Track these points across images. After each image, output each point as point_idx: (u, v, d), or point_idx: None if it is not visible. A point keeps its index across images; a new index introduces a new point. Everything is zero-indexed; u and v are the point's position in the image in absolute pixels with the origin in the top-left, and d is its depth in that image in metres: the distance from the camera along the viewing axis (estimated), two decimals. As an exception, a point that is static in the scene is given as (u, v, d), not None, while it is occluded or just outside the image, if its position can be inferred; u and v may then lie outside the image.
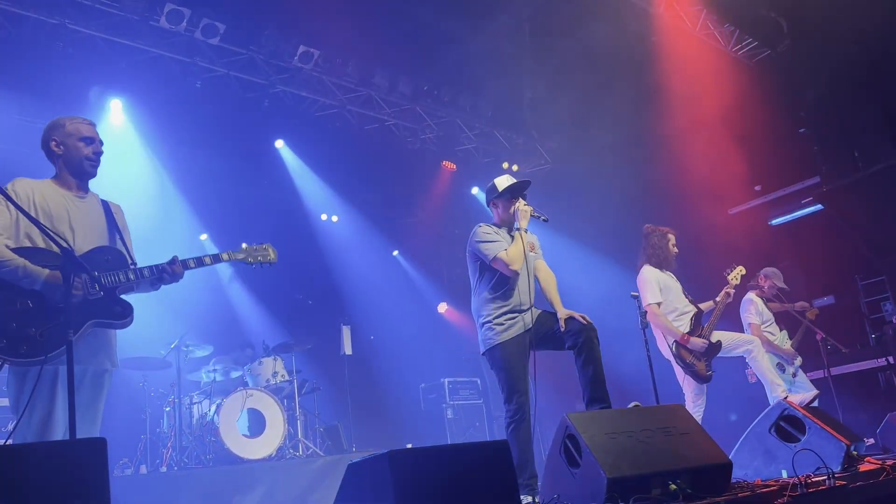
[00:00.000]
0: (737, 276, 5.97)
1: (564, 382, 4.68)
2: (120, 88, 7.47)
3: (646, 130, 8.21)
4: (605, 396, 3.97)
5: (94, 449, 2.12)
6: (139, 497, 5.53)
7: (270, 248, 3.87)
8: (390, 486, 2.29)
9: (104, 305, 3.27)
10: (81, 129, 3.50)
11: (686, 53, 7.73)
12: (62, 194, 3.43)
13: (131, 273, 3.38)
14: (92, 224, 3.47)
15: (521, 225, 4.26)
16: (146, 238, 7.97)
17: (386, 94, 8.57)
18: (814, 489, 3.19)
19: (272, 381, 7.35)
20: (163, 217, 8.34)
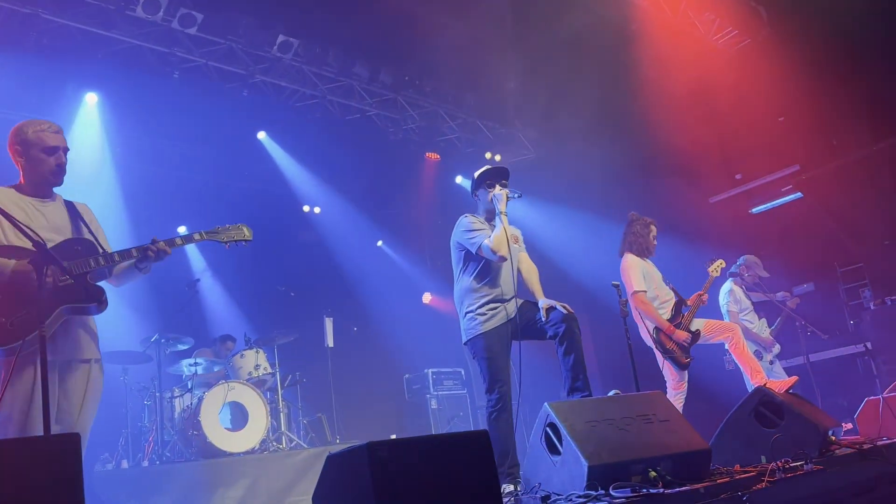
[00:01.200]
0: (717, 269, 6.02)
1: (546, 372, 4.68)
2: (96, 80, 7.37)
3: (627, 119, 8.21)
4: (586, 385, 3.99)
5: (68, 444, 2.09)
6: (121, 492, 5.49)
7: (245, 227, 3.77)
8: (369, 477, 2.28)
9: (74, 290, 3.20)
10: (45, 138, 3.34)
11: (667, 42, 7.73)
12: (24, 200, 3.32)
13: (101, 258, 3.30)
14: (54, 227, 3.36)
15: (500, 209, 4.25)
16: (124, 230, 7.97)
17: (367, 84, 8.51)
18: (792, 474, 3.22)
19: (254, 373, 7.30)
20: (141, 209, 8.27)
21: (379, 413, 9.26)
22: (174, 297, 7.52)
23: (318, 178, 9.71)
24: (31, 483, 2.01)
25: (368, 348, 9.74)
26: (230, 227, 3.73)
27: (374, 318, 9.86)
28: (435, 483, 2.40)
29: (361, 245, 10.75)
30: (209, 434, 6.39)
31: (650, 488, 2.89)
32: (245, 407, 6.71)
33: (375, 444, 2.34)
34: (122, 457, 6.70)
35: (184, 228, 9.37)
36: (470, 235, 4.26)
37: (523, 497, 3.33)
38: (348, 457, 2.44)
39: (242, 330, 8.01)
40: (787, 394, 4.36)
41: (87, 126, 7.70)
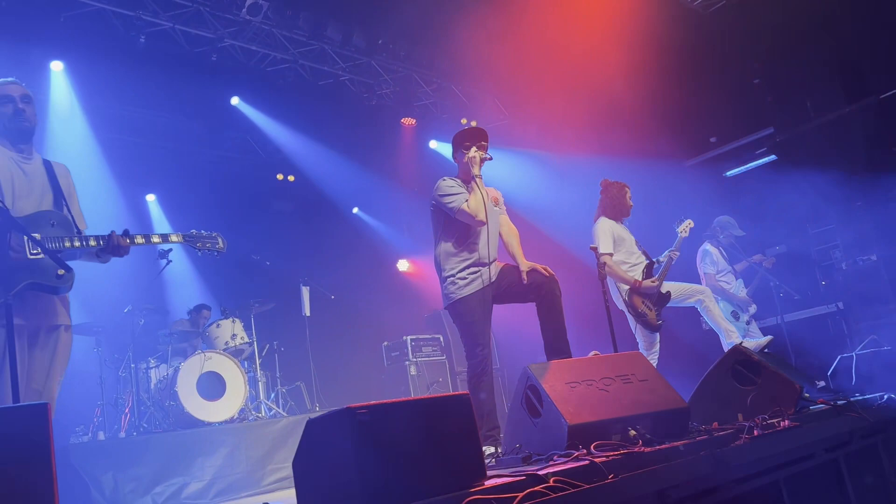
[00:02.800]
0: (685, 229, 6.06)
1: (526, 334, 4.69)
2: (60, 46, 7.14)
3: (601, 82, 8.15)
4: (566, 347, 4.00)
5: (36, 414, 2.04)
6: (99, 463, 5.45)
7: (220, 238, 3.88)
8: (350, 441, 2.26)
9: (43, 269, 3.17)
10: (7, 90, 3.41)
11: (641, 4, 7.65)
12: (8, 156, 3.35)
13: (76, 240, 3.30)
14: (35, 187, 3.37)
15: (474, 171, 4.21)
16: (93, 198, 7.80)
17: (339, 47, 8.33)
18: (769, 431, 3.26)
19: (231, 343, 7.25)
20: (110, 177, 8.10)
21: (358, 381, 9.26)
22: (148, 266, 7.40)
23: (292, 146, 9.55)
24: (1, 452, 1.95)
25: (346, 316, 9.71)
26: (206, 235, 3.83)
27: (352, 285, 9.80)
28: (416, 446, 2.39)
29: (337, 212, 10.65)
30: (186, 404, 6.36)
31: (630, 447, 2.91)
32: (222, 376, 6.68)
33: (356, 407, 2.32)
34: (99, 429, 6.63)
35: (153, 197, 9.22)
36: (447, 199, 4.21)
37: (504, 458, 3.34)
38: (329, 421, 2.41)
39: (218, 300, 7.93)
40: (762, 352, 4.42)
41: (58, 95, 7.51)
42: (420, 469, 2.36)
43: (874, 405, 4.09)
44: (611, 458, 2.75)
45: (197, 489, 5.77)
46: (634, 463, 2.76)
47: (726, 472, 2.97)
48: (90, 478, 5.36)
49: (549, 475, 2.49)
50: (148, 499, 5.53)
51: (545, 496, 2.31)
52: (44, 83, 7.42)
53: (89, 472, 5.38)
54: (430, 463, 2.40)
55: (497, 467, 3.11)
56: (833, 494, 3.54)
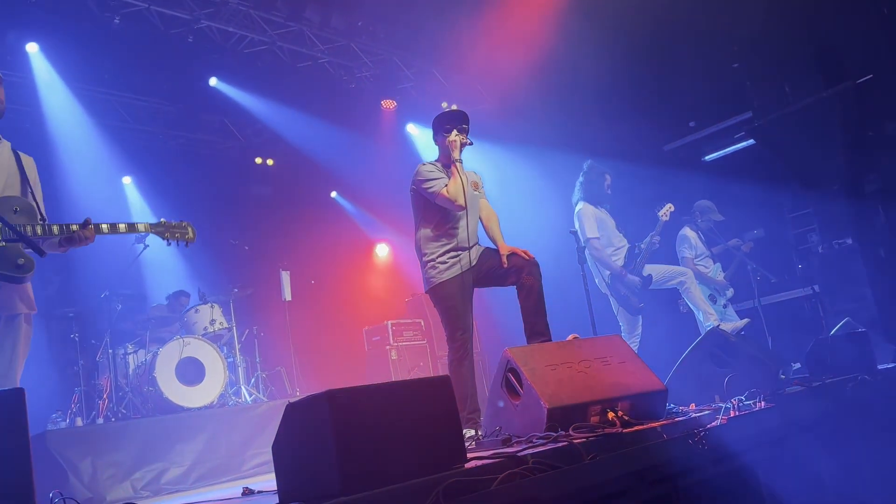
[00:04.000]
0: (666, 213, 6.12)
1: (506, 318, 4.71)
2: (33, 27, 6.99)
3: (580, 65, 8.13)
4: (546, 330, 4.02)
5: (11, 400, 2.01)
6: (77, 449, 5.40)
7: (190, 227, 3.83)
8: (329, 424, 2.25)
9: (6, 257, 3.10)
10: None
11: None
12: None
13: (39, 227, 3.21)
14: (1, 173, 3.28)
15: (454, 156, 4.19)
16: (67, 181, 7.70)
17: (318, 29, 8.23)
18: (746, 412, 3.31)
19: (210, 328, 7.20)
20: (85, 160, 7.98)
21: (339, 365, 9.25)
22: (125, 251, 7.31)
23: (271, 129, 9.45)
24: (-26, 440, 1.93)
25: (327, 301, 9.68)
26: (174, 225, 3.77)
27: (332, 270, 9.76)
28: (396, 429, 2.39)
29: (317, 197, 10.57)
30: (165, 390, 6.32)
31: (609, 428, 2.93)
32: (201, 362, 6.64)
33: (336, 391, 2.31)
34: (77, 415, 6.57)
35: (129, 179, 9.10)
36: (427, 184, 4.19)
37: (484, 440, 3.35)
38: (308, 405, 2.40)
39: (196, 285, 7.86)
40: (739, 335, 4.47)
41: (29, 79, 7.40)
42: (400, 452, 2.36)
43: (848, 387, 4.16)
44: (590, 439, 2.77)
45: (176, 475, 5.74)
46: (613, 444, 2.78)
47: (703, 452, 3.01)
48: (68, 464, 5.31)
49: (528, 457, 2.50)
50: (127, 485, 5.49)
51: (524, 477, 2.33)
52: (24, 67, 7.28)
53: (67, 458, 5.33)
54: (410, 446, 2.40)
55: (477, 450, 3.12)
56: (807, 473, 3.60)
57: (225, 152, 9.46)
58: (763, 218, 8.23)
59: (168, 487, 5.66)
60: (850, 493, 3.69)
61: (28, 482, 1.94)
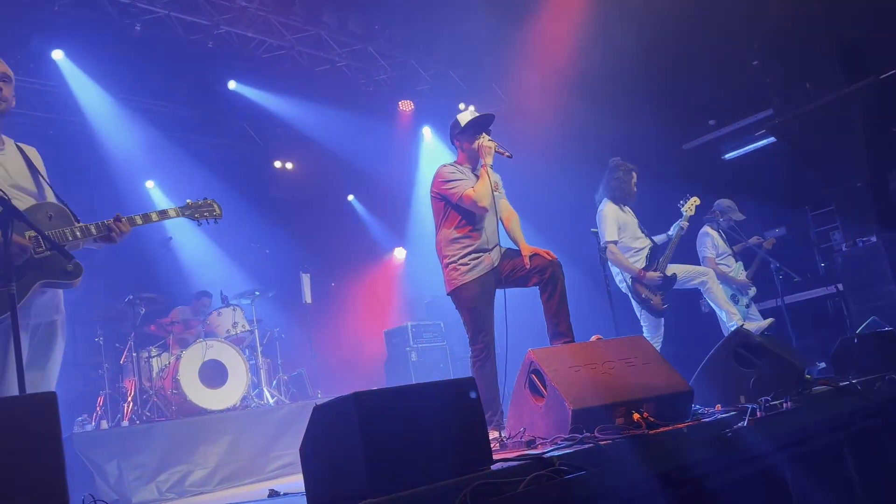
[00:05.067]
0: (691, 207, 6.04)
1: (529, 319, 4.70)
2: (58, 35, 7.09)
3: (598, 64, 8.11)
4: (569, 331, 4.01)
5: (45, 403, 2.03)
6: (102, 452, 5.47)
7: (216, 204, 3.81)
8: (357, 426, 2.26)
9: (53, 265, 3.10)
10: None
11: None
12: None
13: (77, 230, 3.21)
14: (15, 177, 3.23)
15: (486, 161, 4.19)
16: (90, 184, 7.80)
17: (336, 33, 8.28)
18: (772, 413, 3.28)
19: (232, 331, 7.26)
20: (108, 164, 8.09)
21: (359, 367, 9.28)
22: (147, 255, 7.39)
23: (290, 133, 9.51)
24: (9, 444, 1.95)
25: (347, 303, 9.71)
26: (201, 203, 3.75)
27: (352, 272, 9.80)
28: (423, 431, 2.39)
29: (336, 199, 10.62)
30: (189, 392, 6.37)
31: (634, 430, 2.92)
32: (224, 364, 6.69)
33: (362, 393, 2.32)
34: (102, 418, 6.65)
35: (152, 183, 9.20)
36: (450, 185, 4.19)
37: (508, 442, 3.34)
38: (335, 407, 2.41)
39: (218, 288, 7.93)
40: (764, 335, 4.43)
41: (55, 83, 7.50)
42: (427, 454, 2.36)
43: (875, 386, 4.11)
44: (615, 441, 2.76)
45: (201, 477, 5.79)
46: (639, 446, 2.77)
47: (730, 453, 2.99)
48: (94, 467, 5.37)
49: (554, 458, 2.50)
50: (152, 486, 5.55)
51: (551, 479, 2.32)
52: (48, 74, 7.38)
53: (93, 461, 5.40)
54: (436, 448, 2.40)
55: (502, 451, 3.12)
56: (836, 475, 3.56)
57: (244, 156, 9.52)
58: (784, 216, 8.17)
59: (192, 489, 5.71)
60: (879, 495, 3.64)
61: (62, 485, 1.96)
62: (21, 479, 1.92)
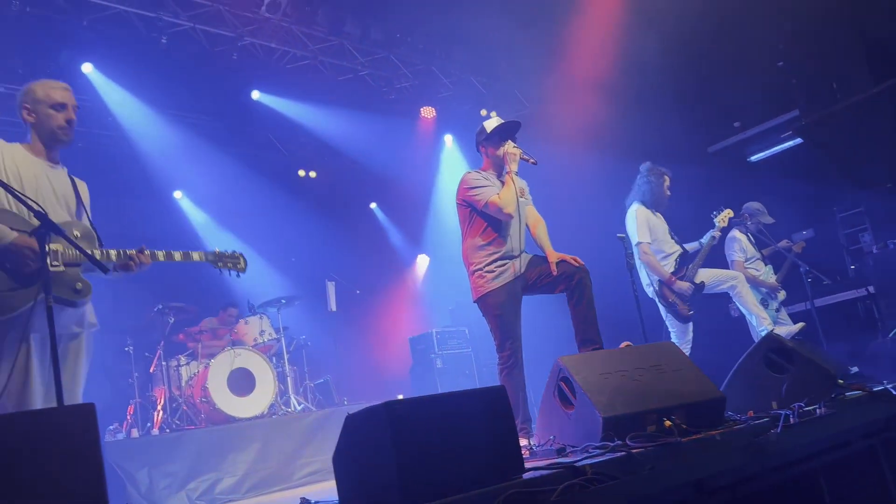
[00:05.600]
0: (724, 219, 6.01)
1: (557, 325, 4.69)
2: (87, 49, 7.21)
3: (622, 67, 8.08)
4: (598, 337, 3.99)
5: (83, 415, 2.07)
6: (134, 461, 5.54)
7: (242, 258, 3.93)
8: (389, 436, 2.28)
9: (64, 281, 3.17)
10: (53, 94, 3.34)
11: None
12: (34, 161, 3.30)
13: (97, 252, 3.29)
14: (61, 196, 3.35)
15: (511, 168, 4.20)
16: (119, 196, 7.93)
17: (358, 42, 8.33)
18: (805, 419, 3.23)
19: (259, 339, 7.32)
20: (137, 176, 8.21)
21: (385, 374, 9.31)
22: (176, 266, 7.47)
23: (313, 142, 9.58)
24: (50, 455, 1.99)
25: (371, 310, 9.75)
26: (228, 255, 3.88)
27: (376, 279, 9.83)
28: (455, 439, 2.40)
29: (359, 207, 10.67)
30: (218, 400, 6.43)
31: (666, 437, 2.90)
32: (252, 372, 6.75)
33: (394, 402, 2.33)
34: (132, 426, 6.74)
35: (179, 193, 9.32)
36: (476, 192, 4.20)
37: (538, 450, 3.34)
38: (367, 416, 2.42)
39: (245, 297, 8.00)
40: (795, 339, 4.38)
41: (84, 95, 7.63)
42: (459, 462, 2.37)
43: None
44: (647, 448, 2.75)
45: (230, 484, 5.84)
46: (671, 453, 2.75)
47: (764, 460, 2.95)
48: (126, 475, 5.45)
49: (586, 467, 2.49)
50: (182, 494, 5.61)
51: (584, 488, 2.31)
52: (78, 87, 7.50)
53: (125, 469, 5.47)
54: (468, 456, 2.40)
55: (531, 459, 3.11)
56: (871, 481, 3.50)
57: (269, 165, 9.60)
58: (812, 218, 8.06)
59: (222, 497, 5.76)
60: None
61: (102, 495, 1.99)
62: (63, 489, 1.95)
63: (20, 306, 2.96)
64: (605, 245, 5.80)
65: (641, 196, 5.87)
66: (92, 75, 7.43)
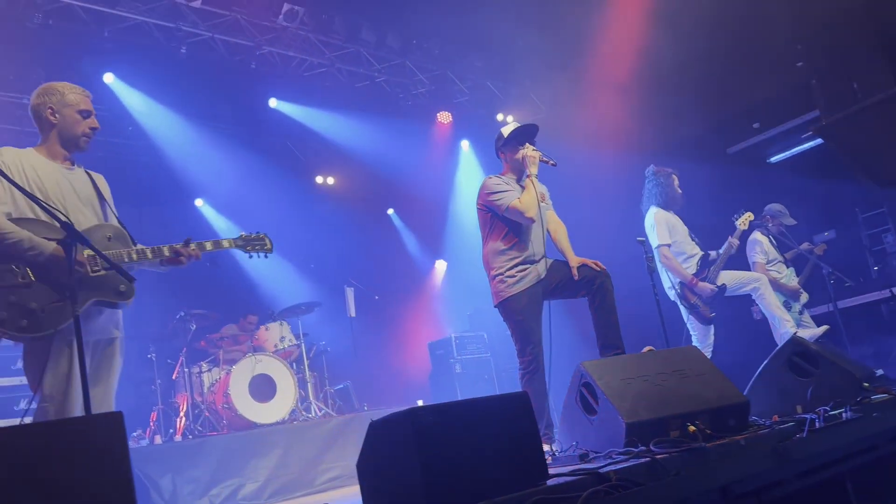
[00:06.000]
0: (745, 222, 5.97)
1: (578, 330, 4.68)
2: (107, 59, 7.30)
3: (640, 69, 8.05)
4: (619, 342, 3.97)
5: (112, 423, 2.09)
6: (157, 467, 5.58)
7: (267, 239, 3.96)
8: (413, 443, 2.28)
9: (107, 284, 3.20)
10: (80, 101, 3.36)
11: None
12: (52, 166, 3.27)
13: (134, 252, 3.32)
14: (83, 198, 3.35)
15: (531, 171, 4.20)
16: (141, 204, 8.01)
17: (374, 49, 8.39)
18: (832, 423, 3.20)
19: (280, 345, 7.36)
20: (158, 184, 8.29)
21: (404, 379, 9.32)
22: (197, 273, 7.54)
23: (331, 149, 9.63)
24: (79, 463, 2.01)
25: (390, 316, 9.77)
26: (253, 237, 3.90)
27: (395, 285, 9.85)
28: (478, 446, 2.40)
29: (377, 213, 10.71)
30: (239, 406, 6.47)
31: (690, 442, 2.88)
32: (273, 378, 6.79)
33: (418, 409, 2.34)
34: (155, 433, 6.80)
35: (201, 202, 9.41)
36: (496, 197, 4.20)
37: (561, 456, 3.33)
38: (391, 423, 2.43)
39: (266, 303, 8.06)
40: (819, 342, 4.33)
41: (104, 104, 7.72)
42: (482, 469, 2.37)
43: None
44: (672, 454, 2.73)
45: (252, 490, 5.87)
46: (696, 459, 2.73)
47: (789, 465, 2.92)
48: (150, 481, 5.49)
49: (610, 473, 2.47)
50: (205, 500, 5.65)
51: (609, 494, 2.31)
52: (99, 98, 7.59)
53: (149, 475, 5.52)
54: (492, 463, 2.40)
55: (555, 465, 3.10)
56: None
57: (287, 172, 9.66)
58: (834, 219, 7.98)
59: (244, 502, 5.79)
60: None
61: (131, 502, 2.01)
62: (93, 497, 1.97)
63: (68, 318, 2.97)
64: (625, 249, 5.78)
65: (655, 199, 5.85)
66: (113, 84, 7.51)
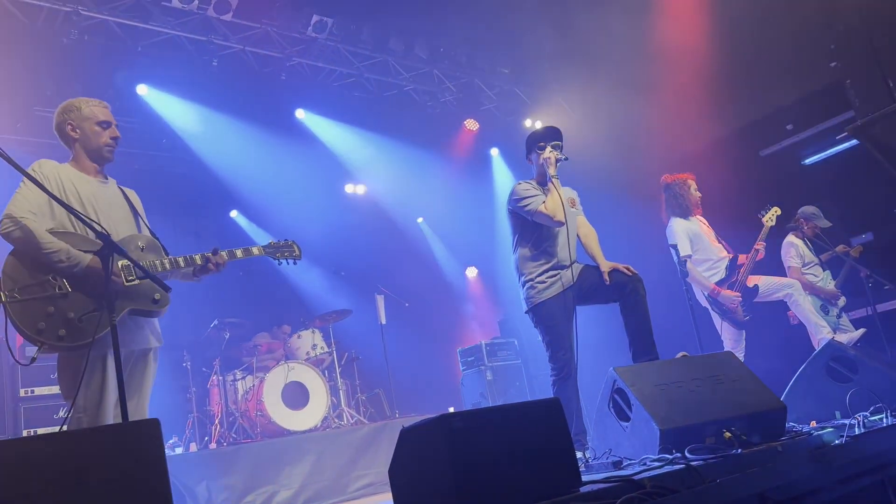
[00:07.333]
0: (772, 218, 5.83)
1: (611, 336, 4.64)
2: (141, 73, 7.44)
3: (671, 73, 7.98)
4: (653, 348, 3.93)
5: (149, 430, 2.13)
6: (193, 474, 5.65)
7: (295, 245, 4.00)
8: (445, 449, 2.28)
9: (141, 293, 3.26)
10: (97, 112, 3.44)
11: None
12: (87, 180, 3.38)
13: (167, 262, 3.37)
14: (117, 211, 3.43)
15: (551, 172, 4.18)
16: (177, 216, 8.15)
17: (402, 58, 8.45)
18: (872, 428, 3.14)
19: (312, 353, 7.42)
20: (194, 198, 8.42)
21: (435, 386, 9.32)
22: (230, 282, 7.66)
23: (360, 157, 9.71)
24: (118, 469, 2.05)
25: (421, 323, 9.78)
26: (282, 244, 3.93)
27: (425, 292, 9.87)
28: (511, 453, 2.40)
29: (406, 221, 10.75)
30: (273, 414, 6.53)
31: (727, 449, 2.84)
32: (306, 386, 6.85)
33: (450, 415, 2.34)
34: (191, 440, 6.89)
35: (235, 213, 9.54)
36: (524, 202, 4.20)
37: (594, 463, 3.30)
38: (422, 430, 2.44)
39: (298, 312, 8.13)
40: (857, 347, 4.25)
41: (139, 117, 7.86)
42: (516, 475, 2.36)
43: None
44: (707, 461, 2.70)
45: (286, 497, 5.91)
46: (732, 466, 2.69)
47: (828, 472, 2.87)
48: (185, 488, 5.56)
49: (645, 481, 2.45)
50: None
51: (644, 502, 2.29)
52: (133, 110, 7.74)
53: (184, 482, 5.59)
54: (525, 469, 2.40)
55: (588, 472, 3.08)
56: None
57: (318, 182, 9.75)
58: (870, 221, 7.81)
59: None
60: None
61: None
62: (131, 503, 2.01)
63: (105, 327, 3.02)
64: (657, 253, 5.73)
65: (672, 209, 5.79)
66: (147, 96, 7.64)
